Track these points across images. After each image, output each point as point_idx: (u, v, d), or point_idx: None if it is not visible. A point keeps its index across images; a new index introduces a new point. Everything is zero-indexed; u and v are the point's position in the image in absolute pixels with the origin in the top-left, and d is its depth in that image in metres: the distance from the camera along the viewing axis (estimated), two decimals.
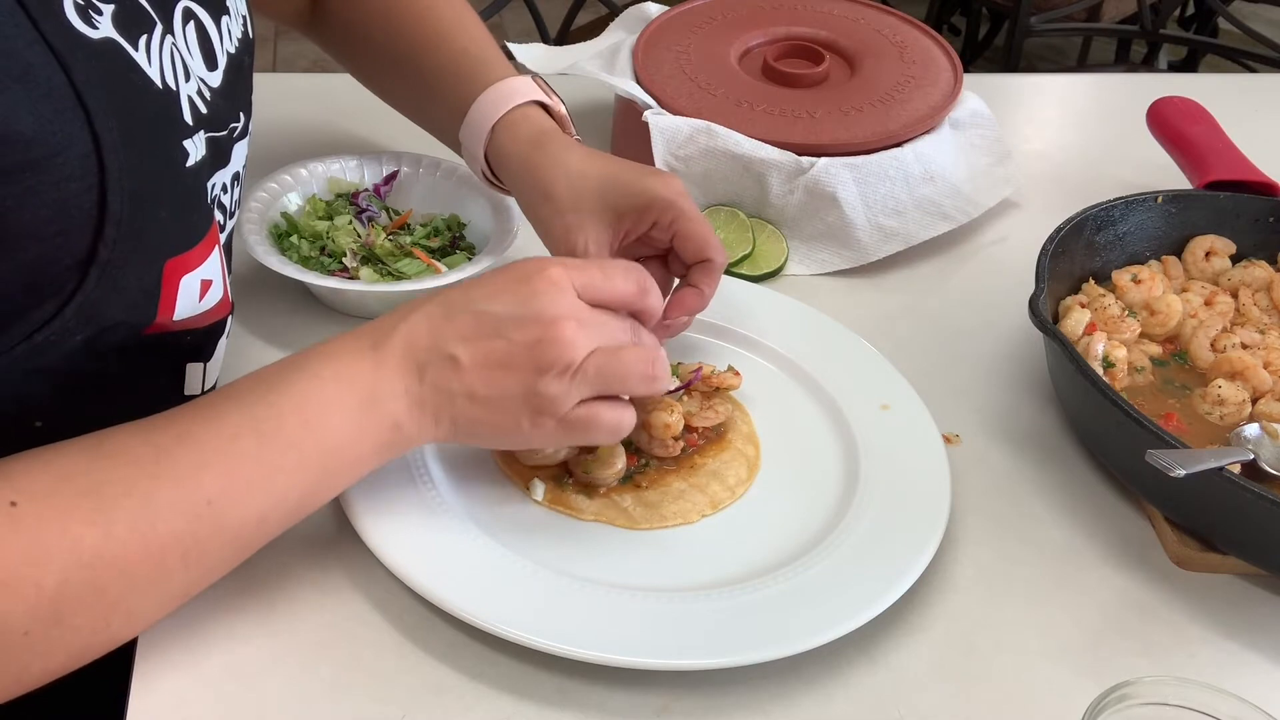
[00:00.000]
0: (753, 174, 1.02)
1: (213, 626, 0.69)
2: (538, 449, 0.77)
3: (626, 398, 0.71)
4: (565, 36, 2.05)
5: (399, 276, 0.91)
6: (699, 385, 0.83)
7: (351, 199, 0.98)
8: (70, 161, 0.59)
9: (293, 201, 0.97)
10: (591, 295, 0.69)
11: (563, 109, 0.90)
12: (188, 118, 0.69)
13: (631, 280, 0.71)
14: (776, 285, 1.01)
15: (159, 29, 0.68)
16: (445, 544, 0.72)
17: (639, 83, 1.08)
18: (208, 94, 0.72)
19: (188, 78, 0.70)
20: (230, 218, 0.80)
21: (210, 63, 0.74)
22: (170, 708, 0.65)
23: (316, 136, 1.11)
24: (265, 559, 0.72)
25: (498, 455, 0.79)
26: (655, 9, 1.19)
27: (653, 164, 1.02)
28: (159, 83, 0.66)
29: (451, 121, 0.90)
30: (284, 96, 1.17)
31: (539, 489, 0.77)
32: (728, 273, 1.00)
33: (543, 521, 0.76)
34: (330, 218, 0.95)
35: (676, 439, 0.80)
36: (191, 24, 0.73)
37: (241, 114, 0.78)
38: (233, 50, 0.77)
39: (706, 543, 0.76)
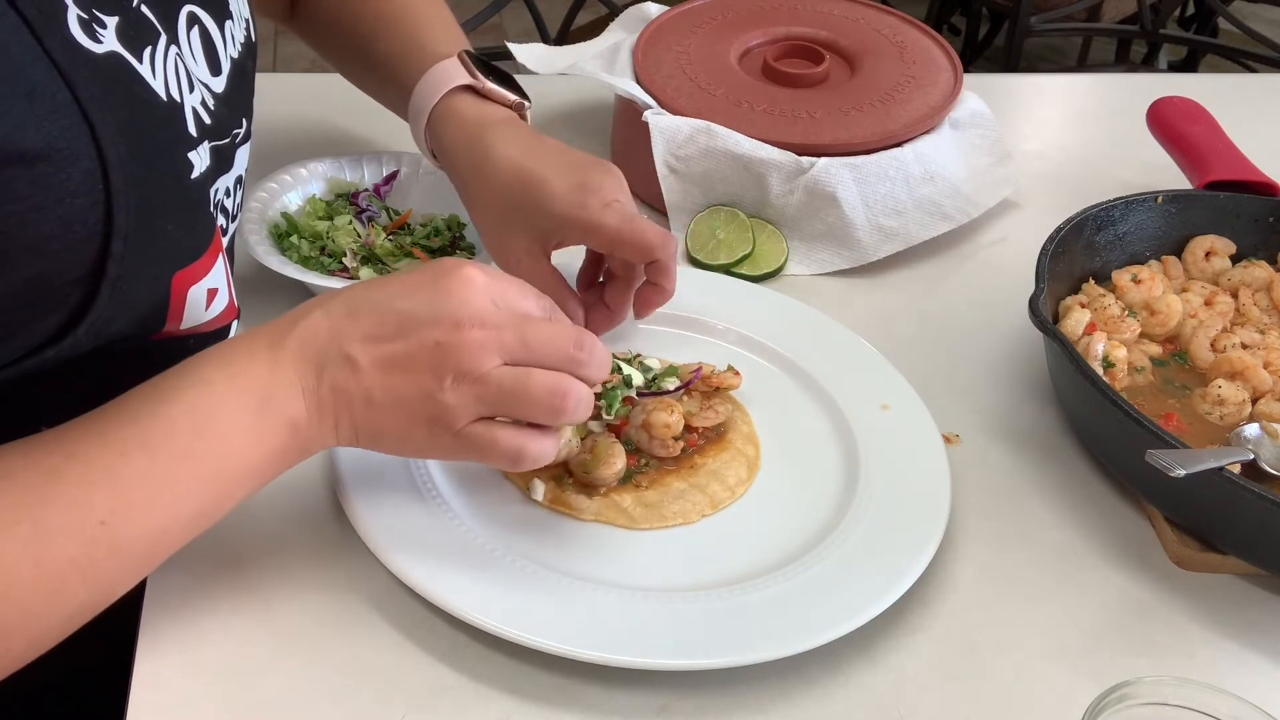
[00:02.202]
0: (753, 174, 1.02)
1: (213, 626, 0.69)
2: (453, 462, 0.75)
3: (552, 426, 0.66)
4: (565, 36, 2.05)
5: None
6: (699, 385, 0.83)
7: (351, 199, 0.98)
8: (75, 177, 0.59)
9: (293, 201, 0.97)
10: (504, 304, 0.65)
11: (490, 84, 0.86)
12: (192, 129, 0.69)
13: (542, 300, 0.67)
14: (776, 285, 1.01)
15: (163, 40, 0.67)
16: (445, 544, 0.72)
17: (639, 83, 1.08)
18: (211, 103, 0.72)
19: (191, 88, 0.70)
20: (233, 221, 0.80)
21: (214, 68, 0.74)
22: (170, 708, 0.65)
23: (316, 136, 1.11)
24: (265, 560, 0.73)
25: None
26: (655, 9, 1.19)
27: (653, 164, 1.02)
28: (163, 95, 0.66)
29: (407, 114, 0.90)
30: (284, 96, 1.17)
31: (539, 489, 0.77)
32: (727, 272, 1.00)
33: (543, 521, 0.76)
34: (330, 218, 0.95)
35: (676, 439, 0.80)
36: (196, 29, 0.73)
37: (244, 119, 0.77)
38: (236, 55, 0.77)
39: (706, 543, 0.76)
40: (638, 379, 0.78)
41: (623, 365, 0.77)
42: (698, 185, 1.04)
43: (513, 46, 1.16)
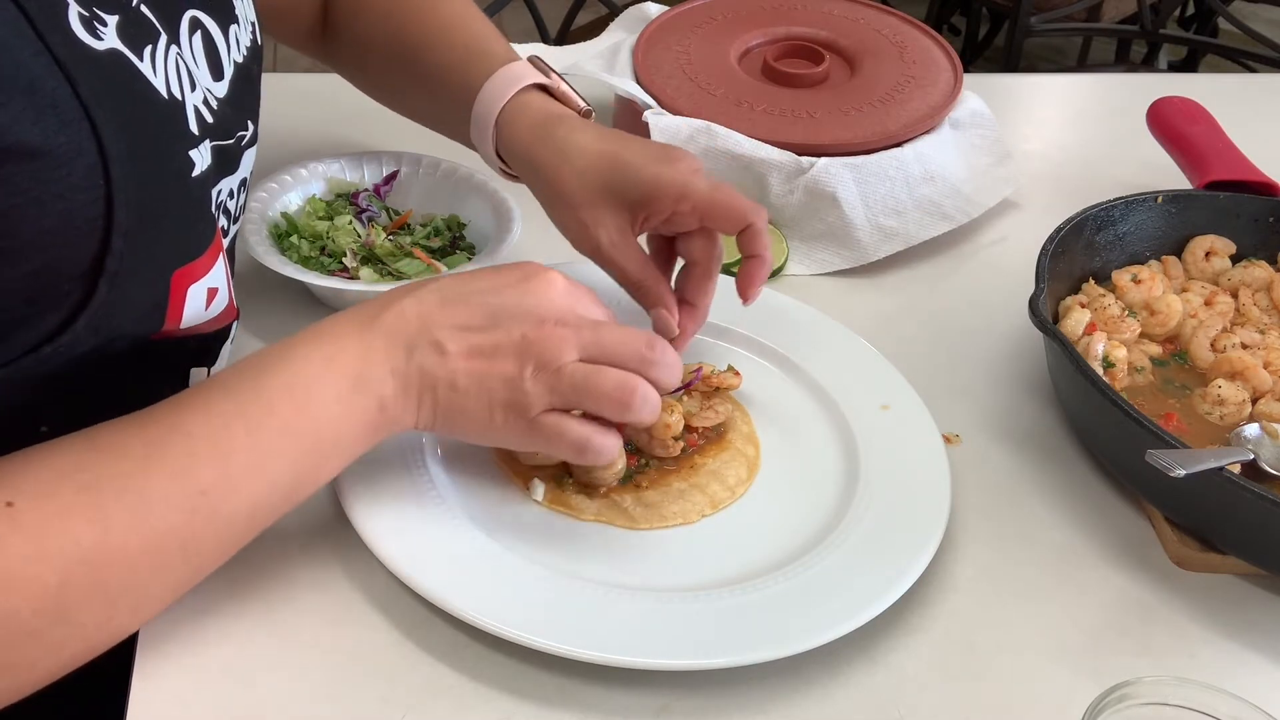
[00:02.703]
0: (753, 174, 1.02)
1: (213, 626, 0.69)
2: (522, 450, 0.76)
3: (617, 424, 0.70)
4: (565, 36, 2.05)
5: (399, 276, 0.91)
6: (699, 385, 0.83)
7: (351, 199, 0.98)
8: (76, 172, 0.59)
9: (293, 202, 0.97)
10: (584, 310, 0.69)
11: (564, 86, 0.87)
12: (193, 127, 0.69)
13: (630, 347, 0.69)
14: (776, 285, 1.00)
15: (164, 39, 0.68)
16: (445, 544, 0.72)
17: (639, 83, 1.08)
18: (214, 103, 0.72)
19: (193, 87, 0.70)
20: (235, 223, 0.80)
21: (216, 73, 0.74)
22: (170, 708, 0.65)
23: (316, 136, 1.11)
24: (265, 559, 0.72)
25: (498, 455, 0.79)
26: (655, 9, 1.19)
27: None
28: (164, 93, 0.66)
29: (462, 123, 0.88)
30: (284, 96, 1.16)
31: (539, 489, 0.77)
32: (728, 272, 1.00)
33: (543, 521, 0.76)
34: (330, 218, 0.95)
35: (676, 439, 0.80)
36: (199, 34, 0.73)
37: (249, 122, 0.78)
38: (240, 59, 0.77)
39: (706, 543, 0.76)
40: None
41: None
42: None
43: (513, 47, 1.16)
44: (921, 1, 3.22)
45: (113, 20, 0.64)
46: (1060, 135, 1.31)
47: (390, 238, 0.94)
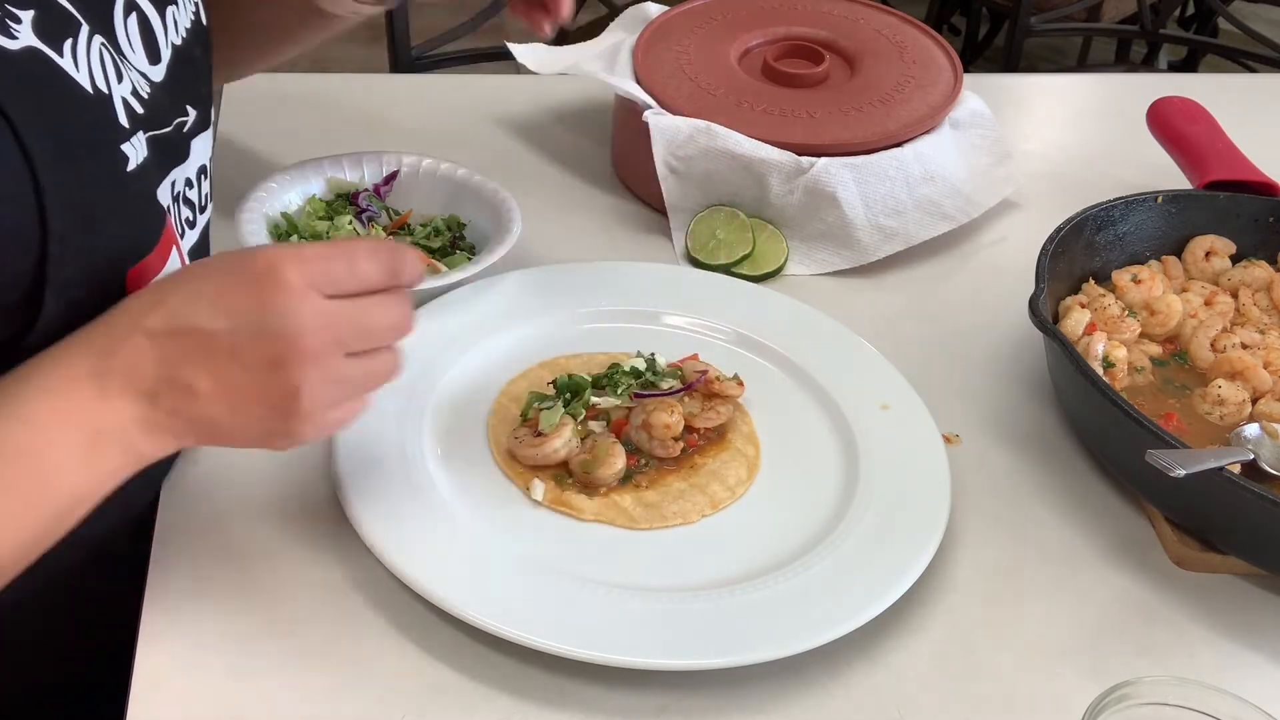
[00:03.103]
0: (753, 174, 1.02)
1: (213, 627, 0.69)
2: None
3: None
4: (565, 36, 2.04)
5: None
6: (701, 387, 0.83)
7: (351, 199, 0.97)
8: (2, 182, 0.57)
9: (293, 201, 0.96)
10: (334, 290, 0.61)
11: None
12: (123, 120, 0.66)
13: (378, 264, 0.62)
14: (776, 285, 1.00)
15: (84, 30, 0.64)
16: (445, 544, 0.72)
17: (639, 83, 1.08)
18: (145, 92, 0.69)
19: (120, 78, 0.67)
20: (202, 213, 0.78)
21: (153, 56, 0.71)
22: (170, 708, 0.65)
23: (316, 136, 1.11)
24: (265, 560, 0.73)
25: (498, 455, 0.79)
26: (655, 9, 1.19)
27: (653, 164, 1.02)
28: (89, 87, 0.63)
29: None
30: (284, 96, 1.17)
31: (539, 489, 0.77)
32: (727, 272, 1.00)
33: (543, 521, 0.76)
34: (330, 218, 0.95)
35: (677, 439, 0.80)
36: (134, 16, 0.70)
37: (191, 107, 0.74)
38: (179, 42, 0.74)
39: (706, 543, 0.76)
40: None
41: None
42: (698, 185, 1.03)
43: (513, 46, 1.16)
44: (921, 1, 3.21)
45: (27, 16, 0.60)
46: (1060, 135, 1.31)
47: (390, 238, 0.94)
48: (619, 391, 0.81)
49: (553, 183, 1.11)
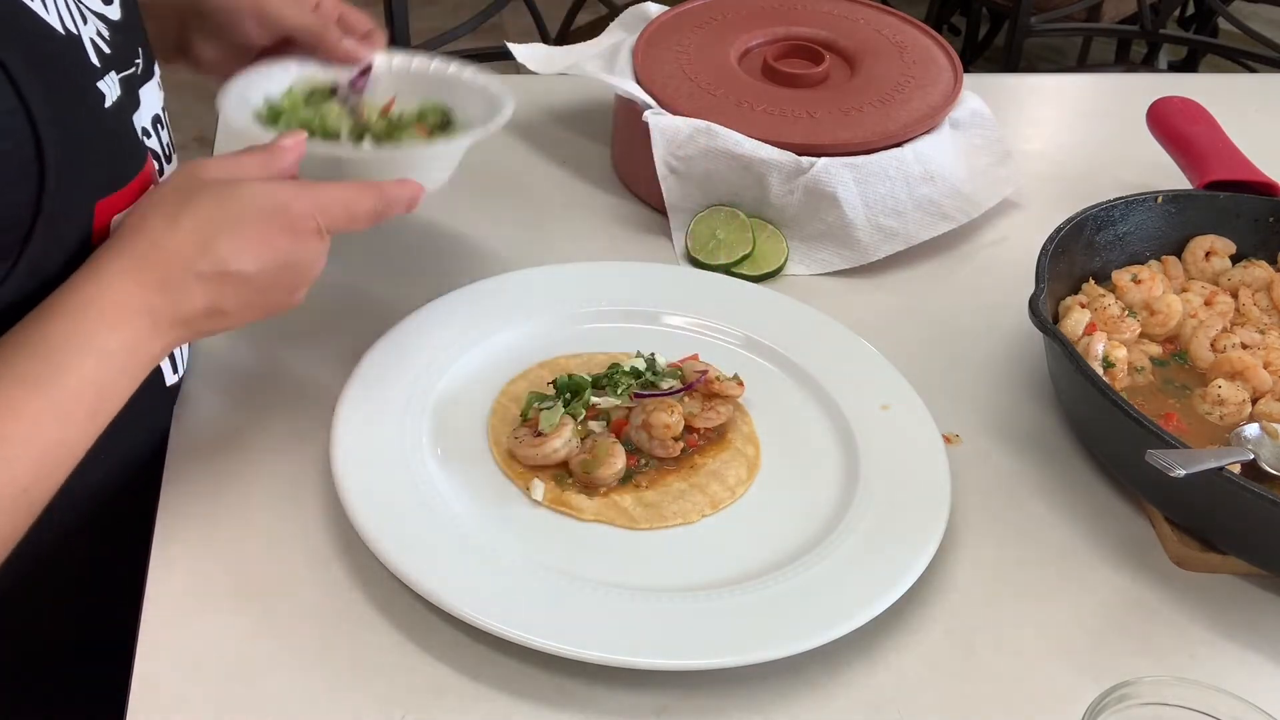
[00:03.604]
0: (753, 174, 1.02)
1: (213, 626, 0.69)
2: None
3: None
4: (565, 36, 2.05)
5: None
6: (701, 387, 0.83)
7: (330, 93, 0.91)
8: (2, 119, 0.59)
9: (274, 93, 0.89)
10: (342, 230, 0.72)
11: None
12: (94, 59, 0.69)
13: (349, 193, 0.73)
14: (776, 285, 1.01)
15: None
16: (445, 544, 0.72)
17: (639, 83, 1.08)
18: (107, 33, 0.72)
19: (84, 20, 0.70)
20: (168, 161, 0.80)
21: None
22: (170, 708, 0.65)
23: None
24: (265, 560, 0.73)
25: (498, 455, 0.79)
26: (655, 9, 1.19)
27: (653, 164, 1.02)
28: (60, 28, 0.66)
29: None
30: None
31: (539, 489, 0.77)
32: (727, 272, 1.00)
33: (543, 521, 0.76)
34: (314, 107, 0.89)
35: (677, 439, 0.80)
36: None
37: (141, 51, 0.77)
38: None
39: (706, 543, 0.76)
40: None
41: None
42: (698, 185, 1.04)
43: (513, 46, 1.16)
44: (921, 1, 3.21)
45: None
46: (1060, 135, 1.31)
47: (382, 119, 0.88)
48: (619, 391, 0.82)
49: (553, 183, 1.12)
